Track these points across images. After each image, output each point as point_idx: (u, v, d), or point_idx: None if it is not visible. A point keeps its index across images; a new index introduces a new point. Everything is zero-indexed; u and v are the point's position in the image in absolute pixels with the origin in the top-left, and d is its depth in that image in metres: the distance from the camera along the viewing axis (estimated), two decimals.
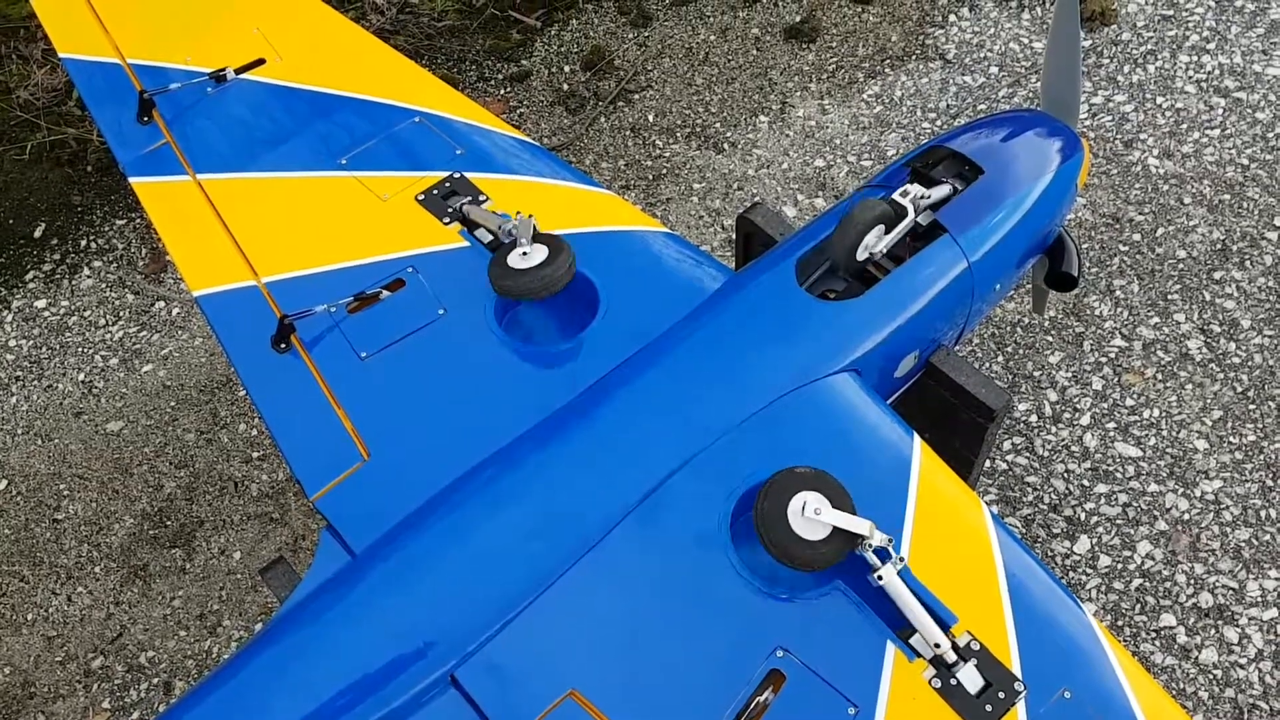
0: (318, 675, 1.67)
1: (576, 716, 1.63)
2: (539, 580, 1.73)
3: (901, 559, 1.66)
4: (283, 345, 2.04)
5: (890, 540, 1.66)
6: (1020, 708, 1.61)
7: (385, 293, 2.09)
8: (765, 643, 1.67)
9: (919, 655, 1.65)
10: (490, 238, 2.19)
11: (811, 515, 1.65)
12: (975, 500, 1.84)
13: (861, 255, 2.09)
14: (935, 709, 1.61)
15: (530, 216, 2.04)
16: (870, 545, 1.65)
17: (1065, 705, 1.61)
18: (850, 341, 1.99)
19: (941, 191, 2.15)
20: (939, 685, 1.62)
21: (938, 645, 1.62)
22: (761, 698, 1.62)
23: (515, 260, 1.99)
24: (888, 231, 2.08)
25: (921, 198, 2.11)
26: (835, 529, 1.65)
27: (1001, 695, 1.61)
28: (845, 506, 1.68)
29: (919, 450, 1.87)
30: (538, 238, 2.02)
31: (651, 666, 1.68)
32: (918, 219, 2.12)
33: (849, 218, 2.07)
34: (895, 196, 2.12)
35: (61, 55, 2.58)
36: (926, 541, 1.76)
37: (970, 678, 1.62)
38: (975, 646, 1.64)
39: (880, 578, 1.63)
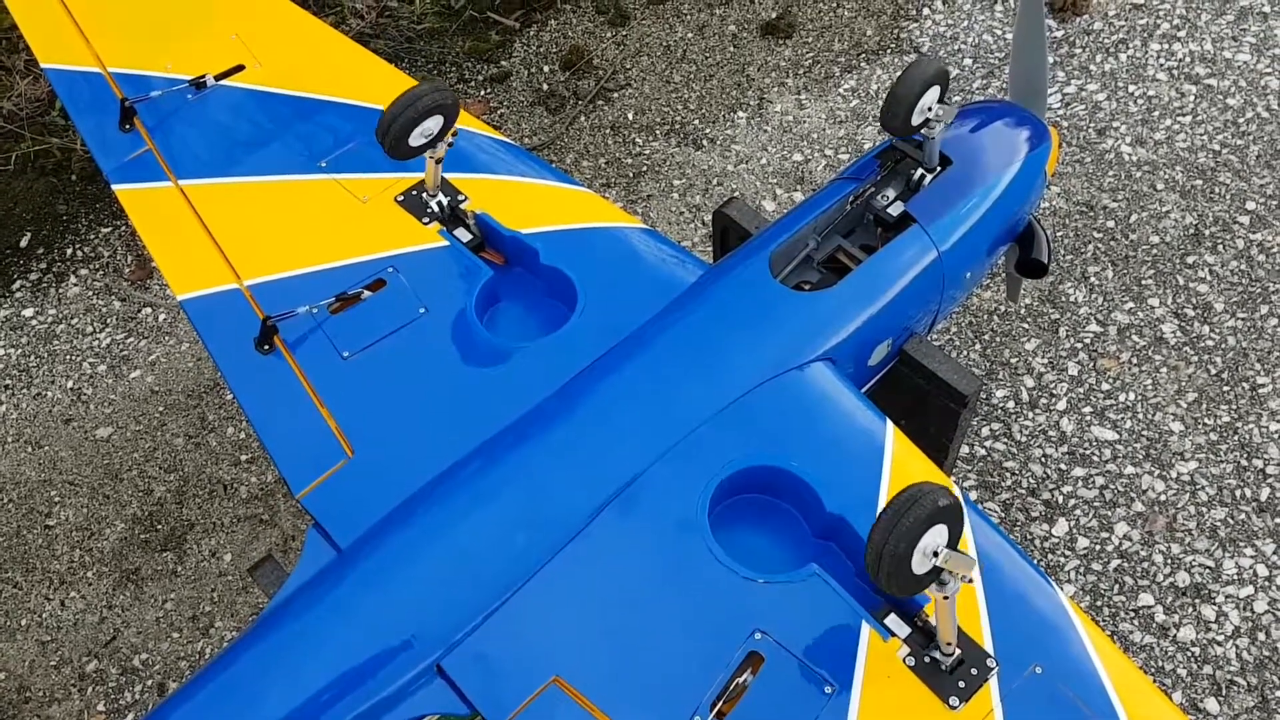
0: (306, 668, 1.70)
1: (560, 702, 1.67)
2: (522, 571, 1.77)
3: (969, 579, 1.57)
4: (266, 346, 2.07)
5: (976, 564, 1.57)
6: (992, 683, 1.65)
7: (366, 293, 2.13)
8: (743, 626, 1.71)
9: (894, 634, 1.69)
10: (469, 236, 2.23)
11: (930, 557, 1.51)
12: (947, 483, 1.88)
13: (918, 119, 2.05)
14: (910, 686, 1.65)
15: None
16: (956, 577, 1.54)
17: (1036, 680, 1.66)
18: (824, 331, 2.04)
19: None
20: (913, 663, 1.66)
21: (949, 644, 1.62)
22: (740, 679, 1.66)
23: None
24: (941, 97, 2.04)
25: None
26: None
27: (974, 672, 1.66)
28: (958, 537, 1.54)
29: (891, 436, 1.92)
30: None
31: (633, 652, 1.72)
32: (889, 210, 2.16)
33: (905, 75, 2.00)
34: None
35: (43, 65, 2.60)
36: None
37: (949, 660, 1.66)
38: None
39: (946, 597, 1.56)
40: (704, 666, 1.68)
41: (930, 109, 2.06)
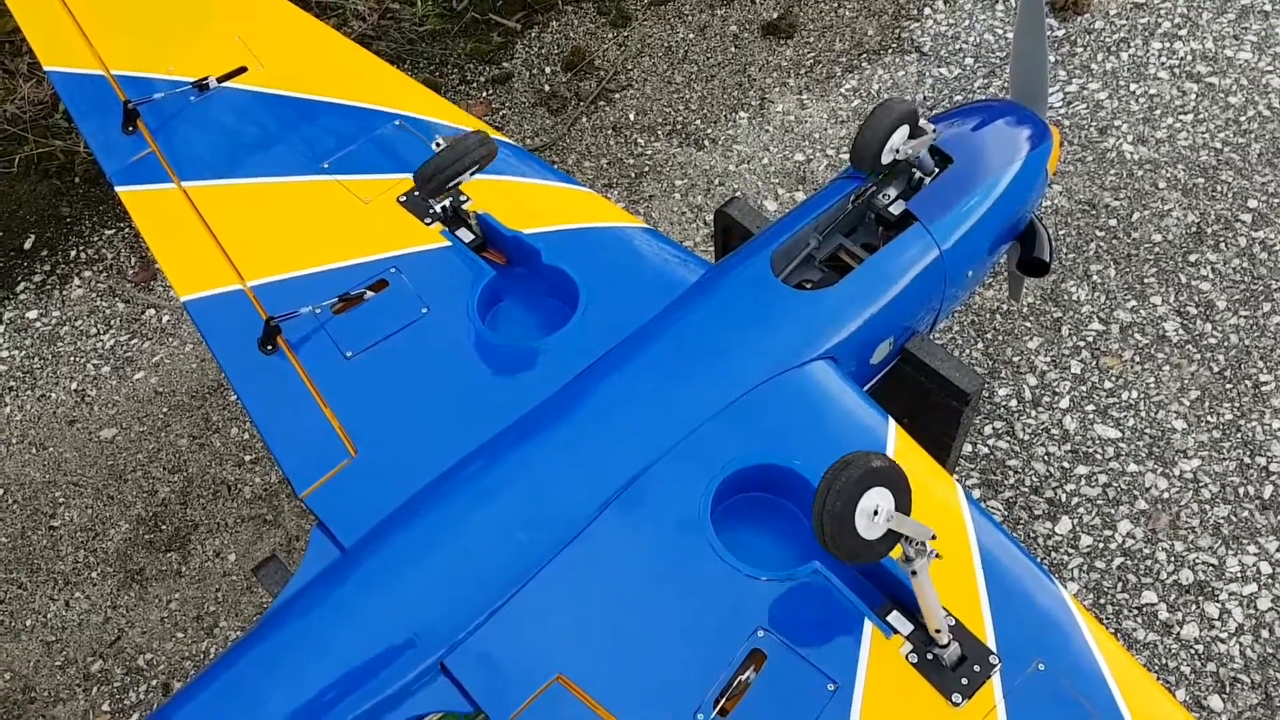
0: (311, 667, 1.71)
1: (563, 699, 1.67)
2: (525, 569, 1.78)
3: (935, 554, 1.58)
4: (269, 347, 2.08)
5: (934, 537, 1.57)
6: (995, 680, 1.65)
7: (369, 293, 2.13)
8: (746, 623, 1.71)
9: (896, 632, 1.69)
10: (471, 237, 2.23)
11: (874, 519, 1.54)
12: (949, 480, 1.89)
13: (887, 159, 2.11)
14: (913, 683, 1.65)
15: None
16: (921, 547, 1.56)
17: (1039, 677, 1.66)
18: (825, 330, 2.04)
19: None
20: (916, 660, 1.66)
21: (938, 631, 1.63)
22: (743, 676, 1.67)
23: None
24: (911, 135, 2.09)
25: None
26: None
27: (977, 668, 1.66)
28: (905, 503, 1.57)
29: (894, 434, 1.92)
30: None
31: (636, 649, 1.72)
32: (893, 207, 2.16)
33: (871, 118, 2.07)
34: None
35: (46, 68, 2.61)
36: None
37: (946, 652, 1.67)
38: (950, 621, 1.69)
39: (915, 572, 1.57)
40: (707, 664, 1.68)
41: (898, 149, 2.08)
